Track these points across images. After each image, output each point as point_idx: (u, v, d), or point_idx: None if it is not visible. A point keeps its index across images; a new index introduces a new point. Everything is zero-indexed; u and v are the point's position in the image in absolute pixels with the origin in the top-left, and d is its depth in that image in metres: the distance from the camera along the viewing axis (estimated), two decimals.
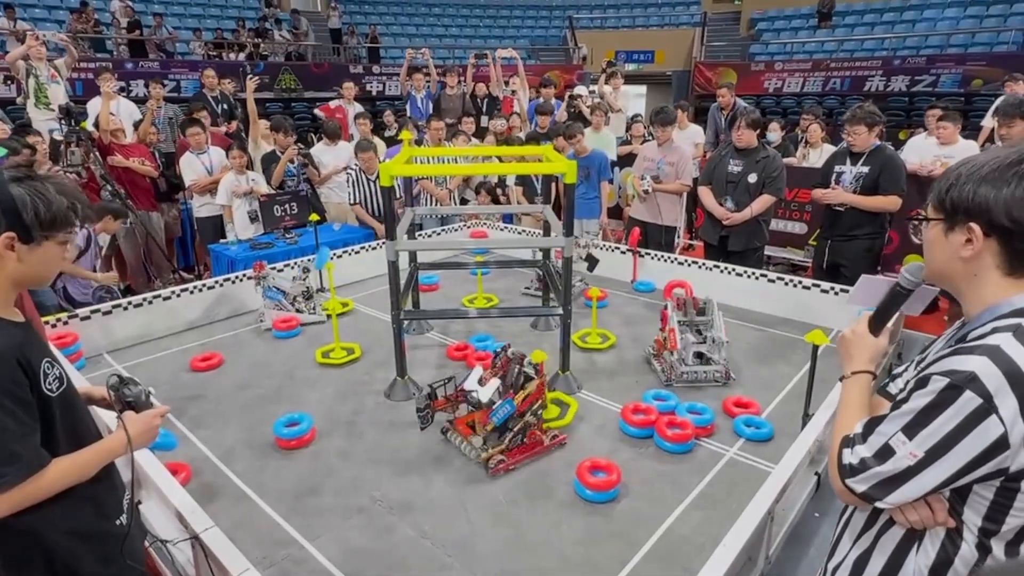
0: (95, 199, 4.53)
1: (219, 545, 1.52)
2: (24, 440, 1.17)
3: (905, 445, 0.96)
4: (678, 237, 5.69)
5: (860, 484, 1.02)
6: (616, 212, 6.57)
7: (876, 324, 1.20)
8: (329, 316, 3.38)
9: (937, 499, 1.00)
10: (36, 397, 1.20)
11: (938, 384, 0.94)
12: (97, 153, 4.82)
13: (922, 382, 0.97)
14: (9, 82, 5.52)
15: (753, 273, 3.84)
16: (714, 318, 3.01)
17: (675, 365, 2.89)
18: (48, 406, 1.23)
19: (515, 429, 2.25)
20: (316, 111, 7.38)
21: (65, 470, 1.25)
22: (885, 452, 0.99)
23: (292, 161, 5.33)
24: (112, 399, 1.44)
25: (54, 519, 1.25)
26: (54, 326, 3.11)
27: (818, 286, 3.59)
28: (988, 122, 5.33)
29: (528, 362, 2.37)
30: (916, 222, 1.28)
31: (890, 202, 3.86)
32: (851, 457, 1.03)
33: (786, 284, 3.72)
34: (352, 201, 5.27)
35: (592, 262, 4.03)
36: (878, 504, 1.01)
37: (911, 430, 0.96)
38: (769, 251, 5.53)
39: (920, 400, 0.96)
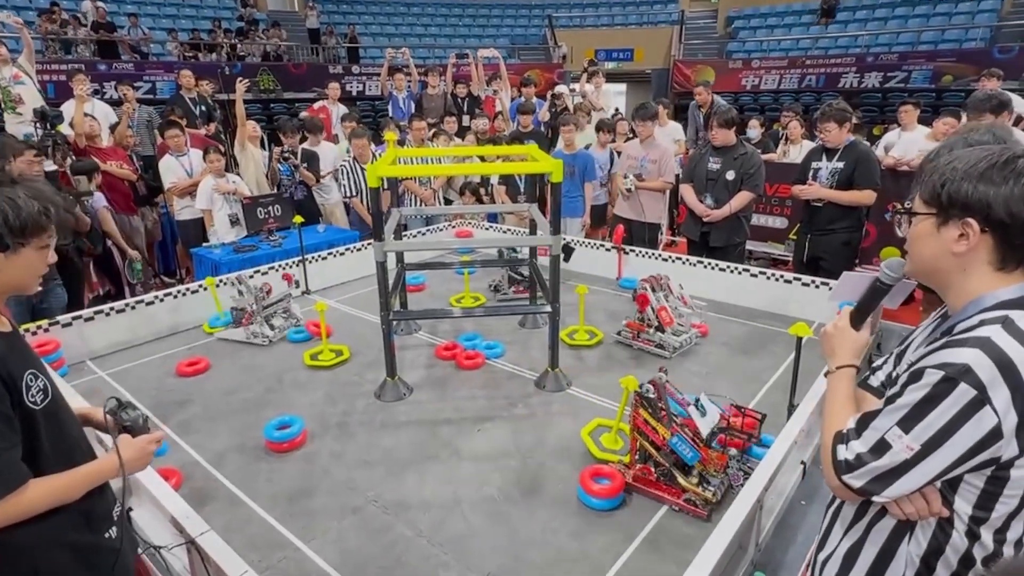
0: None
1: (216, 549, 1.52)
2: (2, 456, 1.15)
3: (901, 439, 0.99)
4: (661, 234, 5.76)
5: (857, 480, 1.04)
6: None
7: (858, 319, 1.23)
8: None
9: (931, 490, 1.03)
10: (19, 411, 1.18)
11: (933, 377, 0.97)
12: (73, 157, 4.73)
13: (915, 376, 0.99)
14: None
15: (735, 268, 3.91)
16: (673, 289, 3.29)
17: (668, 340, 3.11)
18: (32, 419, 1.21)
19: (666, 465, 2.04)
20: (303, 115, 7.32)
21: (47, 491, 1.22)
22: (881, 447, 1.01)
23: (284, 161, 5.31)
24: (110, 423, 1.42)
25: (42, 532, 1.23)
26: (34, 333, 3.05)
27: (799, 279, 3.66)
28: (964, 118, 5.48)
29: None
30: (900, 216, 1.30)
31: (865, 196, 3.96)
32: (846, 453, 1.05)
33: (768, 278, 3.78)
34: (348, 194, 5.26)
35: (568, 252, 4.08)
36: (876, 498, 1.04)
37: (907, 424, 0.98)
38: (750, 245, 5.63)
39: (915, 394, 0.98)
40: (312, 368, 3.11)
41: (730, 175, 4.18)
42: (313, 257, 4.26)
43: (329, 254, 4.42)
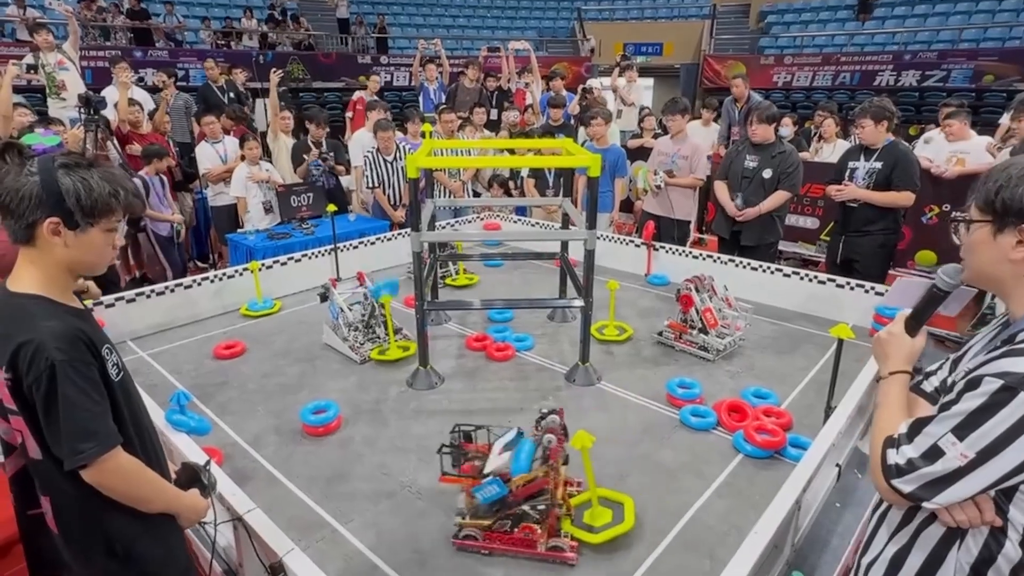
0: None
1: (263, 526, 1.57)
2: (99, 419, 1.21)
3: (955, 446, 0.98)
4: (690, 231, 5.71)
5: (907, 484, 1.03)
6: (627, 205, 6.58)
7: (913, 325, 1.22)
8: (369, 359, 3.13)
9: (984, 499, 1.02)
10: (103, 381, 1.25)
11: (991, 386, 0.96)
12: (116, 141, 4.85)
13: (973, 384, 0.99)
14: (31, 69, 5.53)
15: (768, 267, 3.87)
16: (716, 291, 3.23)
17: (712, 342, 3.05)
18: (112, 391, 1.27)
19: (506, 513, 1.79)
20: (348, 113, 7.37)
21: (140, 467, 1.31)
22: (934, 453, 1.00)
23: (323, 162, 5.41)
24: (182, 470, 1.53)
25: (115, 502, 1.30)
26: None
27: (833, 280, 3.62)
28: (1005, 119, 5.34)
29: (554, 442, 1.75)
30: (956, 223, 1.26)
31: (903, 198, 3.87)
32: (897, 458, 1.05)
33: (801, 278, 3.74)
34: (370, 185, 5.29)
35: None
36: (926, 504, 1.03)
37: (962, 431, 0.98)
38: (781, 245, 5.55)
39: (972, 402, 0.97)
40: (342, 356, 3.16)
41: (767, 173, 4.13)
42: (345, 246, 4.32)
43: (360, 243, 4.47)
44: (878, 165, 3.91)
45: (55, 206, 1.22)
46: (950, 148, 5.14)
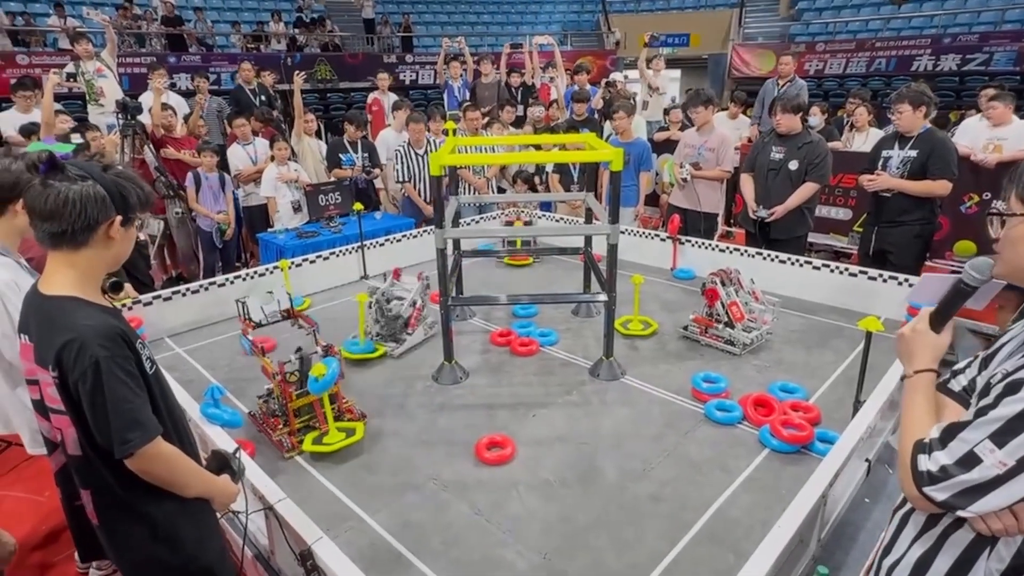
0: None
1: (293, 515, 1.62)
2: (142, 410, 1.27)
3: (994, 453, 0.93)
4: (717, 224, 5.63)
5: (940, 493, 0.98)
6: (653, 200, 6.52)
7: (938, 321, 1.16)
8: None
9: (1022, 507, 0.97)
10: (140, 374, 1.31)
11: None
12: (151, 145, 5.01)
13: (1013, 387, 0.94)
14: (71, 78, 5.76)
15: (796, 260, 3.80)
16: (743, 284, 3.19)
17: (739, 336, 3.02)
18: (148, 383, 1.33)
19: (272, 406, 2.45)
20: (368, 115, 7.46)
21: (178, 454, 1.36)
22: (970, 460, 0.96)
23: (367, 175, 5.53)
24: (212, 457, 1.59)
25: (155, 490, 1.36)
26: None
27: (865, 273, 3.53)
28: None
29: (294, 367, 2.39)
30: (993, 216, 1.19)
31: (939, 186, 3.75)
32: (929, 464, 1.00)
33: (831, 271, 3.66)
34: (400, 179, 5.34)
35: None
36: (960, 513, 0.99)
37: (1001, 438, 0.93)
38: (812, 237, 5.43)
39: (1012, 407, 0.93)
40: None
41: (793, 165, 4.04)
42: (372, 243, 4.38)
43: (386, 240, 4.53)
44: (913, 153, 3.79)
45: (121, 205, 1.29)
46: (987, 135, 4.96)
